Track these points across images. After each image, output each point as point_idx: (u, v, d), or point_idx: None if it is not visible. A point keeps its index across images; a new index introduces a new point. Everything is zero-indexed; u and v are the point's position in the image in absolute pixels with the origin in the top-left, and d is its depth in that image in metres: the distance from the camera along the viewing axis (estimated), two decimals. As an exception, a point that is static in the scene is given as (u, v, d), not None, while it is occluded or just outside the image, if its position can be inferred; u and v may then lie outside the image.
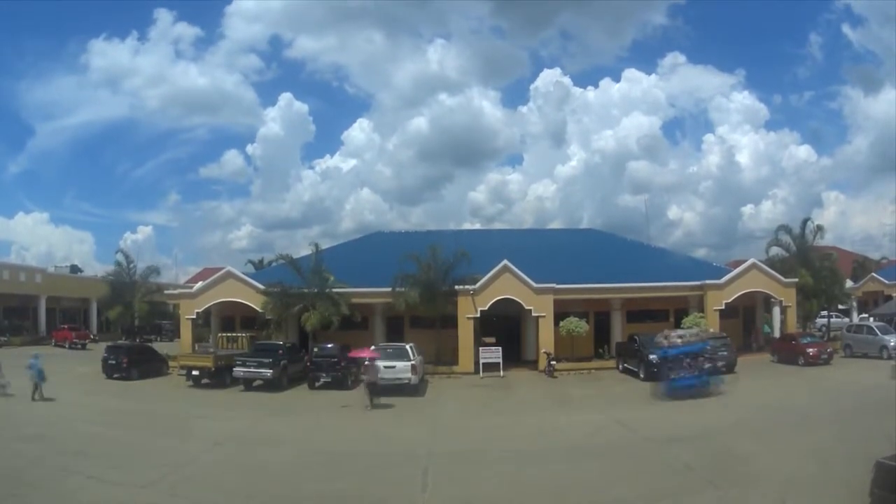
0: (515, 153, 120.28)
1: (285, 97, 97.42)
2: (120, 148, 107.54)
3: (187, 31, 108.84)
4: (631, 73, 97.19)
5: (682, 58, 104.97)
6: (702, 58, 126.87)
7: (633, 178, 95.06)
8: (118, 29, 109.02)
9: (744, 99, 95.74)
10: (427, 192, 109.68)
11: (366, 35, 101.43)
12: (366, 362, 19.57)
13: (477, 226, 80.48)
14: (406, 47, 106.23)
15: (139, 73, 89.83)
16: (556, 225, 75.32)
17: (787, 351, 27.57)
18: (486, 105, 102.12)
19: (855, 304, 46.89)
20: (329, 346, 24.79)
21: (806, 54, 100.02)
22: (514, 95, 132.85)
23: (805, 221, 35.36)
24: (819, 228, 34.84)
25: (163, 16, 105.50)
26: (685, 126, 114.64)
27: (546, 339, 28.30)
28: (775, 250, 35.44)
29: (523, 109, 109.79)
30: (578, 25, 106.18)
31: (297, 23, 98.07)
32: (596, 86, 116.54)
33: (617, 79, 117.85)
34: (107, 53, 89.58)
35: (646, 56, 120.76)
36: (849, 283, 45.19)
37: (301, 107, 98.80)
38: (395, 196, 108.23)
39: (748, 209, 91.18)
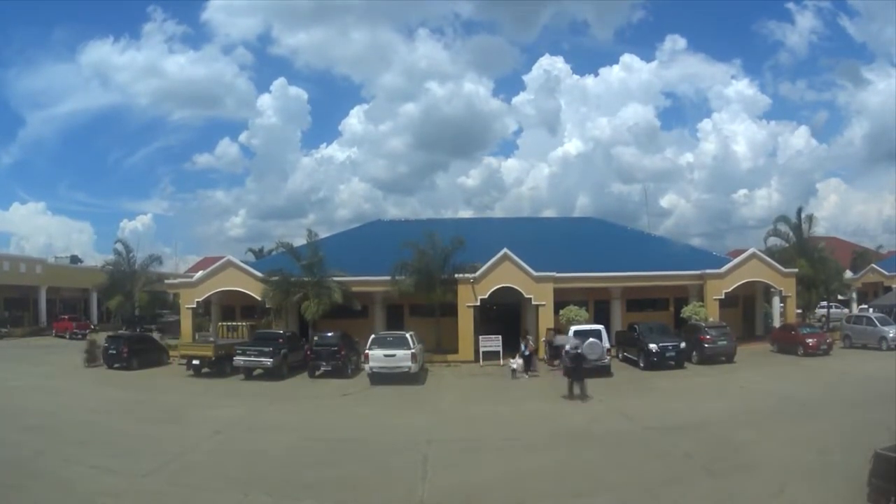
0: (510, 141, 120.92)
1: (279, 85, 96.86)
2: (115, 137, 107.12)
3: (178, 24, 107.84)
4: (628, 60, 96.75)
5: (682, 41, 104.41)
6: (701, 46, 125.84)
7: (626, 166, 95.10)
8: (109, 21, 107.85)
9: (744, 88, 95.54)
10: (422, 180, 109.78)
11: (358, 27, 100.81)
12: None
13: (470, 214, 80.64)
14: (399, 39, 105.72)
15: (132, 64, 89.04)
16: (549, 213, 75.53)
17: (787, 341, 27.61)
18: (481, 93, 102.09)
19: (855, 294, 46.92)
20: (329, 334, 24.66)
21: (804, 43, 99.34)
22: (510, 85, 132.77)
23: (799, 210, 35.36)
24: (810, 218, 34.80)
25: (155, 7, 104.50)
26: (682, 114, 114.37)
27: (546, 327, 28.32)
28: (774, 240, 35.46)
29: (518, 99, 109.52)
30: (572, 14, 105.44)
31: (289, 15, 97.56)
32: (595, 74, 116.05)
33: (614, 64, 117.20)
34: (98, 45, 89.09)
35: (642, 45, 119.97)
36: (848, 274, 45.20)
37: (297, 96, 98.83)
38: (389, 185, 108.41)
39: (742, 199, 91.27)
